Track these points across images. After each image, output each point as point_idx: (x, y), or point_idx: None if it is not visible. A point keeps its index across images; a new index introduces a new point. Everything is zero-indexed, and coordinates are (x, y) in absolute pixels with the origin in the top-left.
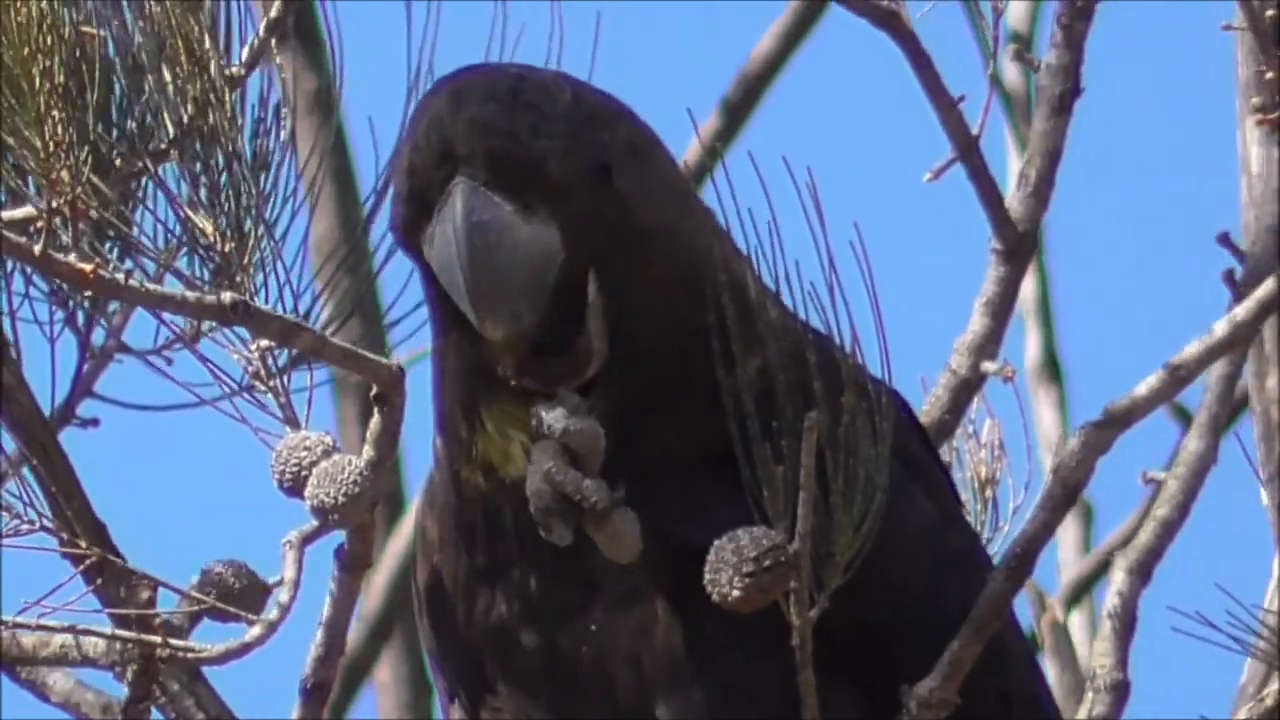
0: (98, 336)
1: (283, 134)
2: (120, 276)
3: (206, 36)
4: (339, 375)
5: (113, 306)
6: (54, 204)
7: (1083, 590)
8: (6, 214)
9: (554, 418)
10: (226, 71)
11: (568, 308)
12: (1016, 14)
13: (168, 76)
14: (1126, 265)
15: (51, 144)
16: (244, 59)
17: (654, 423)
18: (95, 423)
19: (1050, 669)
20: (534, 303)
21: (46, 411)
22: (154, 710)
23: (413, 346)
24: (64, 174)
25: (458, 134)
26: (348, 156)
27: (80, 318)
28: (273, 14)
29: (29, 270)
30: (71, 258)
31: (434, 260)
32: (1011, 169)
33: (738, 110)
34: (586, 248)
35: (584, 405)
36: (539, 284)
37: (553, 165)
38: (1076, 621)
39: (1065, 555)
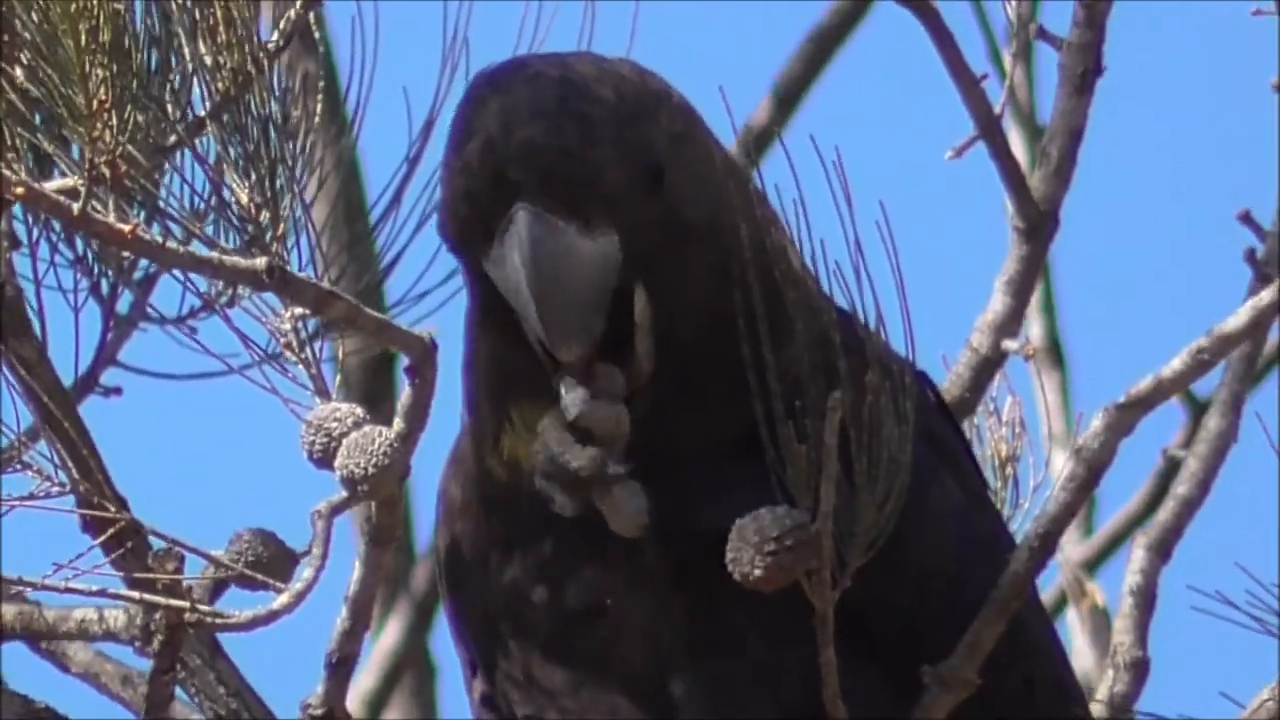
0: (122, 305)
1: (295, 113)
2: (158, 238)
3: (246, 7)
4: (339, 355)
5: (138, 275)
6: (95, 161)
7: (1085, 572)
8: (45, 185)
9: (572, 399)
10: (266, 44)
11: (621, 311)
12: None
13: (203, 47)
14: (1126, 248)
15: (95, 102)
16: (281, 30)
17: (684, 408)
18: (118, 391)
19: (1090, 654)
20: (600, 313)
21: (69, 380)
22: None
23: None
24: (105, 134)
25: (511, 158)
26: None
27: (104, 286)
28: None
29: (55, 238)
30: (110, 218)
31: (501, 284)
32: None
33: (781, 103)
34: (641, 250)
35: (621, 383)
36: (603, 294)
37: (608, 176)
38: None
39: (1066, 536)
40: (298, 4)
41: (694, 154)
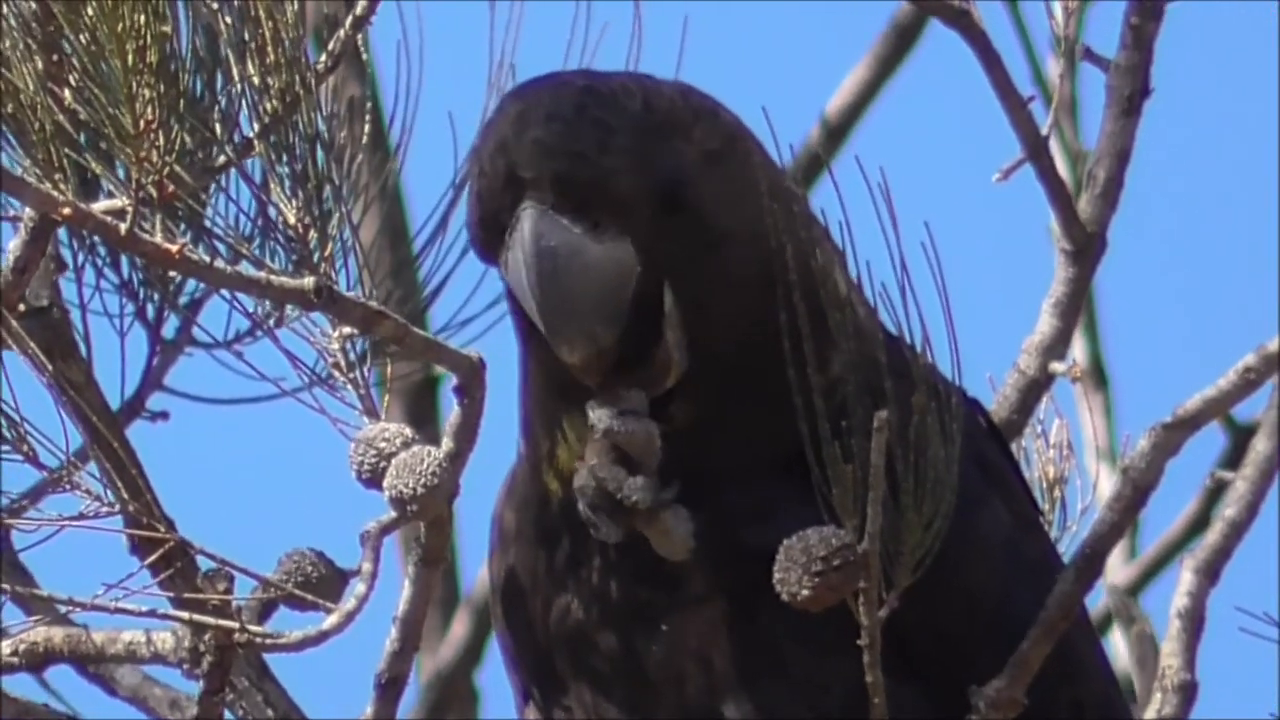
0: (168, 330)
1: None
2: (205, 258)
3: (294, 29)
4: (386, 379)
5: (184, 299)
6: (142, 181)
7: (1130, 596)
8: (93, 206)
9: (599, 416)
10: (314, 65)
11: (647, 317)
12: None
13: (252, 69)
14: (1172, 269)
15: (142, 123)
16: (330, 51)
17: (729, 425)
18: (165, 416)
19: (1137, 682)
20: (611, 320)
21: (116, 405)
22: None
23: None
24: (153, 153)
25: (522, 157)
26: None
27: (150, 311)
28: (358, 10)
29: (100, 263)
30: (157, 238)
31: (512, 286)
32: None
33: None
34: (661, 260)
35: (644, 403)
36: (614, 301)
37: (619, 183)
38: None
39: (1111, 560)
40: (346, 25)
41: (733, 172)
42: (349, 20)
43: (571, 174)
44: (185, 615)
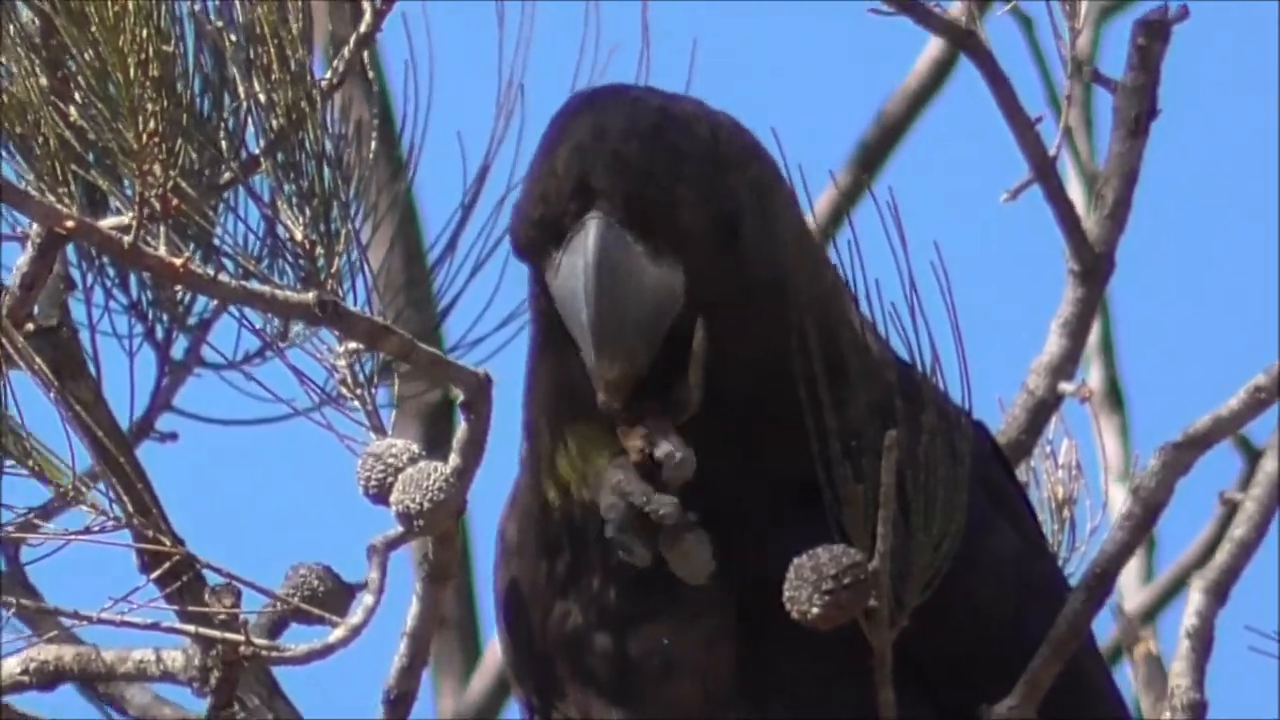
0: (177, 350)
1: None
2: (210, 272)
3: (299, 46)
4: (395, 396)
5: (192, 319)
6: (146, 195)
7: (1146, 618)
8: (99, 222)
9: (661, 446)
10: (319, 82)
11: (674, 350)
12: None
13: (257, 86)
14: (1188, 288)
15: (145, 136)
16: (335, 68)
17: (742, 456)
18: (174, 437)
19: (1144, 702)
20: (650, 344)
21: (125, 426)
22: None
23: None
24: (156, 167)
25: (598, 167)
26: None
27: (159, 331)
28: (363, 28)
29: (109, 283)
30: (161, 251)
31: (558, 290)
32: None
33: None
34: (704, 294)
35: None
36: (658, 327)
37: (685, 211)
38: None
39: (1127, 582)
40: (351, 43)
41: (771, 210)
42: (354, 37)
43: (645, 194)
44: (191, 629)
